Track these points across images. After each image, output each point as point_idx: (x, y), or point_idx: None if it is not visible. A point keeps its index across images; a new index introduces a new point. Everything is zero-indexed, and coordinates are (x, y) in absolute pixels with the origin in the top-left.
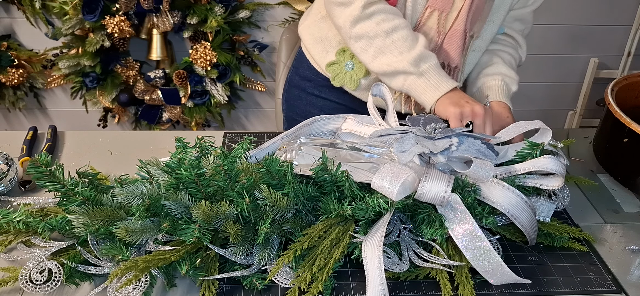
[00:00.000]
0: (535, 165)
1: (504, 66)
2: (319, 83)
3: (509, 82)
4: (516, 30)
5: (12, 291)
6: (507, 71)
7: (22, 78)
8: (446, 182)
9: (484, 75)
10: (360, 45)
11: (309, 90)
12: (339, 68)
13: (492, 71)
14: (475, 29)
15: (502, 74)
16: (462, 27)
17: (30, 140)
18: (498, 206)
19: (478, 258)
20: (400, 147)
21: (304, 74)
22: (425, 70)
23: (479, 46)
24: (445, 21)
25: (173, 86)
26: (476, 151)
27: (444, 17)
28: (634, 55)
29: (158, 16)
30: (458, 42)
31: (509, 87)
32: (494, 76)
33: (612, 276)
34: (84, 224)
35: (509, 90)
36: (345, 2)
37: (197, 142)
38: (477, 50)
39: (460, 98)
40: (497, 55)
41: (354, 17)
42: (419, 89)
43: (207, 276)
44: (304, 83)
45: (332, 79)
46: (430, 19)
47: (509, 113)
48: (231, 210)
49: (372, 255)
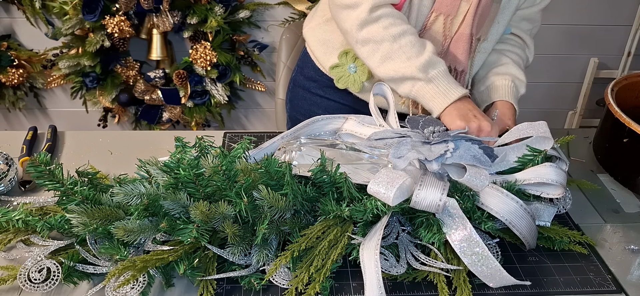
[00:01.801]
0: (535, 176)
1: (514, 67)
2: (324, 83)
3: (518, 84)
4: (524, 30)
5: (11, 289)
6: (517, 73)
7: (22, 79)
8: (441, 189)
9: (493, 74)
10: (367, 49)
11: (313, 90)
12: (342, 71)
13: (502, 71)
14: (482, 32)
15: (512, 74)
16: (469, 31)
17: (30, 140)
18: (496, 213)
19: (476, 264)
20: (396, 152)
21: (309, 74)
22: (433, 76)
23: (485, 48)
24: (451, 25)
25: (173, 86)
26: (471, 157)
27: (449, 22)
28: (634, 55)
29: (158, 16)
30: (464, 46)
31: (517, 89)
32: (504, 76)
33: (612, 276)
34: (82, 223)
35: (517, 92)
36: (352, 5)
37: (196, 141)
38: (484, 52)
39: (468, 111)
40: (506, 56)
41: (360, 20)
42: (427, 96)
43: (205, 277)
44: (308, 83)
45: (336, 82)
46: (435, 23)
47: (512, 116)
48: (229, 210)
49: (369, 257)
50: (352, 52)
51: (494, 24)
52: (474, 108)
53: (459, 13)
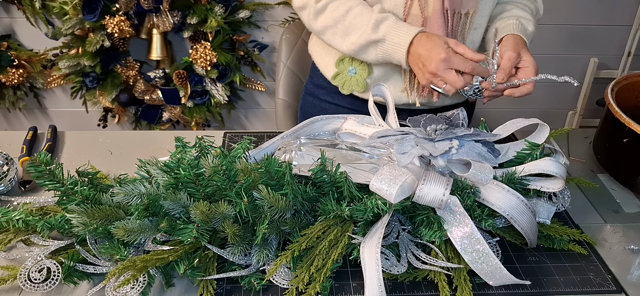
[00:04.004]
0: (535, 168)
1: (518, 10)
2: (332, 90)
3: (525, 22)
4: None
5: (11, 289)
6: (522, 14)
7: (22, 79)
8: (444, 184)
9: (498, 19)
10: (328, 36)
11: (322, 97)
12: (343, 77)
13: (507, 15)
14: (469, 6)
15: (517, 16)
16: (439, 7)
17: (30, 140)
18: (497, 208)
19: (476, 261)
20: (401, 148)
21: (318, 82)
22: (386, 31)
23: (480, 23)
24: (426, 5)
25: (173, 86)
26: (476, 154)
27: (424, 2)
28: (634, 55)
29: (158, 16)
30: (439, 22)
31: (524, 27)
32: (509, 18)
33: (612, 276)
34: (82, 223)
35: (525, 29)
36: (303, 5)
37: (196, 141)
38: (479, 28)
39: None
40: (510, 3)
41: (313, 14)
42: (389, 51)
43: (205, 276)
44: (318, 91)
45: (340, 89)
46: (412, 6)
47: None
48: (230, 210)
49: (370, 257)
50: (347, 57)
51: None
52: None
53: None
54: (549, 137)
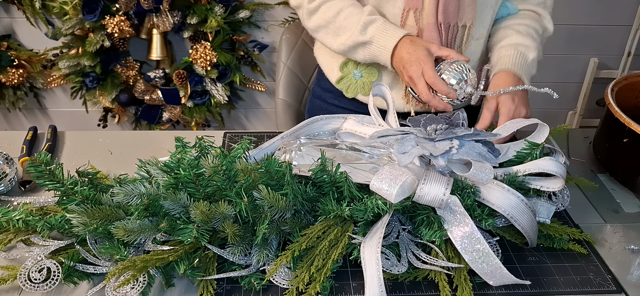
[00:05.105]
0: (535, 167)
1: (518, 36)
2: (338, 93)
3: (524, 50)
4: (534, 3)
5: (11, 289)
6: (522, 40)
7: (22, 79)
8: (445, 184)
9: (497, 49)
10: (321, 35)
11: (329, 100)
12: (348, 80)
13: (505, 43)
14: (466, 19)
15: (515, 44)
16: (433, 20)
17: (30, 140)
18: (497, 208)
19: (477, 261)
20: (401, 148)
21: (325, 85)
22: (373, 33)
23: (480, 33)
24: (421, 17)
25: (173, 86)
26: (477, 154)
27: (418, 14)
28: (634, 55)
29: (158, 16)
30: (432, 35)
31: (524, 56)
32: (508, 48)
33: (612, 276)
34: (82, 223)
35: (525, 59)
36: (297, 4)
37: (196, 141)
38: (480, 38)
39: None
40: (511, 28)
41: (306, 13)
42: (376, 53)
43: (205, 276)
44: (325, 94)
45: (345, 92)
46: (408, 17)
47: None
48: (230, 210)
49: (370, 257)
50: (351, 61)
51: (482, 8)
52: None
53: (425, 5)
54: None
